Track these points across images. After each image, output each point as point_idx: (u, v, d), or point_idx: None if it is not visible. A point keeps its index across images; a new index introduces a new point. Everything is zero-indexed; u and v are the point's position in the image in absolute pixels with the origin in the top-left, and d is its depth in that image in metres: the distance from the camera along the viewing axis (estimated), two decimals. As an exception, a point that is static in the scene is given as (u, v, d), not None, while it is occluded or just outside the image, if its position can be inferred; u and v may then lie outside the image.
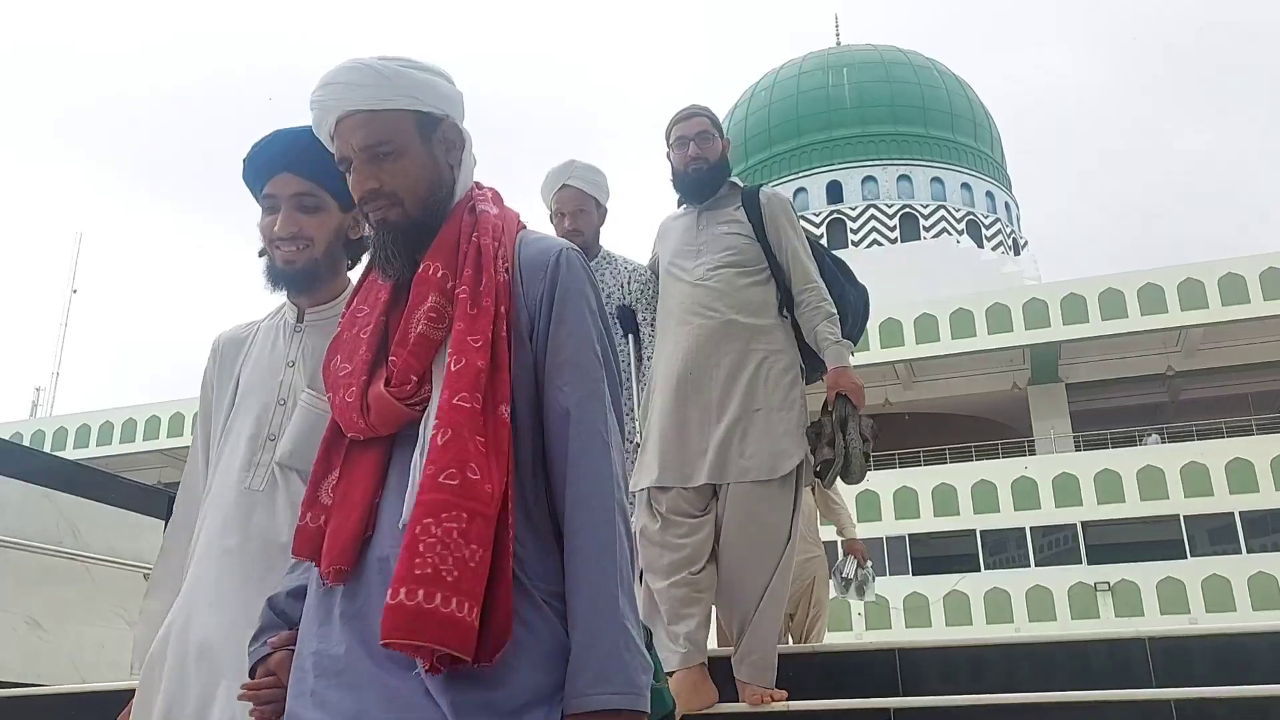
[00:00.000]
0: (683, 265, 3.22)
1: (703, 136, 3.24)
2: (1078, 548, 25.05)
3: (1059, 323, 27.41)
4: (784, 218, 3.21)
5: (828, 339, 3.07)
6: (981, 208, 37.34)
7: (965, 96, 38.91)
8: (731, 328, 3.08)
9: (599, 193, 3.52)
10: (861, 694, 3.21)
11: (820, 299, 3.12)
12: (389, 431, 1.41)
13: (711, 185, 3.27)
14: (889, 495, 26.39)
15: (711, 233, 3.21)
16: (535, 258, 1.47)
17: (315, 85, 1.49)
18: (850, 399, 3.02)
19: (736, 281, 3.12)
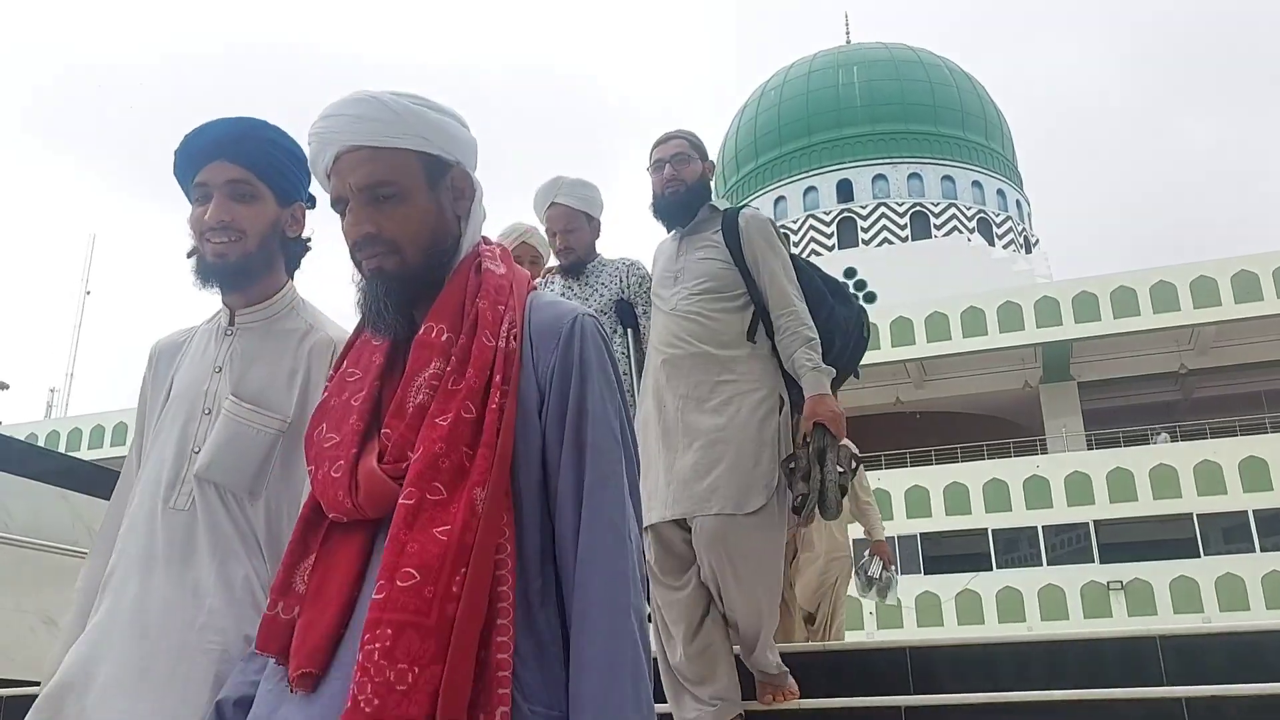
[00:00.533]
0: (662, 294, 3.13)
1: (679, 159, 3.11)
2: (1090, 546, 24.96)
3: (1071, 321, 27.32)
4: (761, 239, 3.02)
5: (804, 365, 2.87)
6: (993, 206, 37.22)
7: (976, 94, 38.79)
8: (702, 360, 2.94)
9: (589, 207, 3.46)
10: (873, 692, 3.22)
11: (798, 324, 2.92)
12: (378, 514, 1.24)
13: (688, 208, 3.13)
14: (900, 494, 26.32)
15: (689, 259, 3.09)
16: (548, 325, 1.32)
17: (317, 116, 1.36)
18: (829, 429, 2.82)
19: (711, 309, 2.98)
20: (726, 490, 2.79)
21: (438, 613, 1.12)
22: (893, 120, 36.83)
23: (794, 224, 37.11)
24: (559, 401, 1.28)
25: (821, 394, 2.84)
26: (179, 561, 1.64)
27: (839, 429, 2.84)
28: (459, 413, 1.21)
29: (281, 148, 1.79)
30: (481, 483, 1.19)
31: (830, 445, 2.81)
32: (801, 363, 2.87)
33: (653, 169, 3.16)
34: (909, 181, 36.46)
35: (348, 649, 1.19)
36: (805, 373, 2.86)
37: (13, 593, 5.55)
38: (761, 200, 37.90)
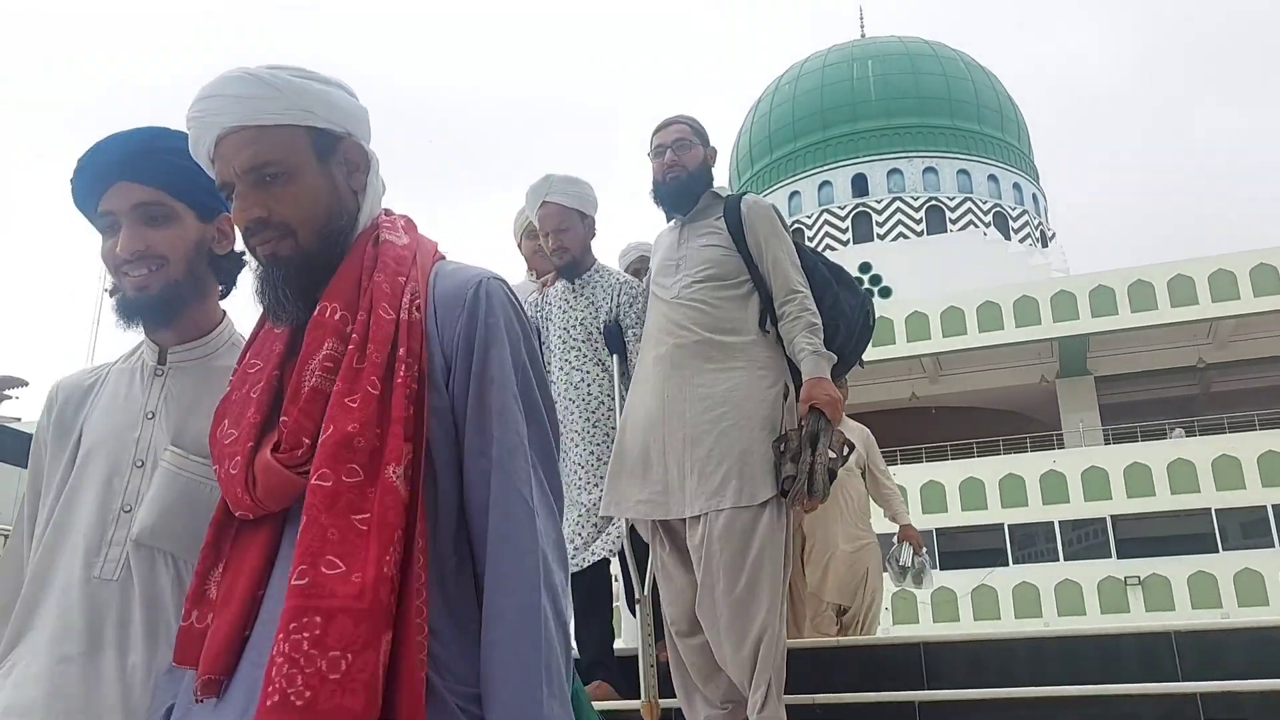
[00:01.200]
0: (662, 282, 3.05)
1: (680, 144, 3.05)
2: (1107, 542, 24.84)
3: (1088, 315, 27.17)
4: (763, 224, 2.97)
5: (804, 349, 2.82)
6: (1009, 200, 37.05)
7: (992, 87, 38.60)
8: (706, 348, 2.87)
9: (582, 204, 3.36)
10: (887, 688, 3.23)
11: (802, 309, 2.87)
12: (280, 507, 1.20)
13: (689, 195, 3.06)
14: (916, 490, 26.23)
15: (691, 246, 3.02)
16: (451, 292, 1.27)
17: (193, 98, 1.28)
18: (824, 413, 2.76)
19: (714, 297, 2.92)
20: (738, 482, 2.72)
21: (371, 597, 1.08)
22: (908, 114, 36.69)
23: (809, 219, 37.04)
24: (464, 369, 1.24)
25: (819, 377, 2.79)
26: (107, 643, 1.40)
27: (835, 413, 2.79)
28: (366, 390, 1.17)
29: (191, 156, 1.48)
30: (397, 459, 1.15)
31: (824, 429, 2.76)
32: (802, 346, 2.82)
33: (653, 154, 3.10)
34: (924, 176, 36.33)
35: (255, 648, 1.14)
36: (805, 356, 2.81)
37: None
38: (776, 195, 37.82)
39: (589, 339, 3.39)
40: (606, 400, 3.36)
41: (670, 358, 2.89)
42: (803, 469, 2.70)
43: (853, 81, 37.70)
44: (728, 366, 2.84)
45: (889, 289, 33.74)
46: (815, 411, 2.76)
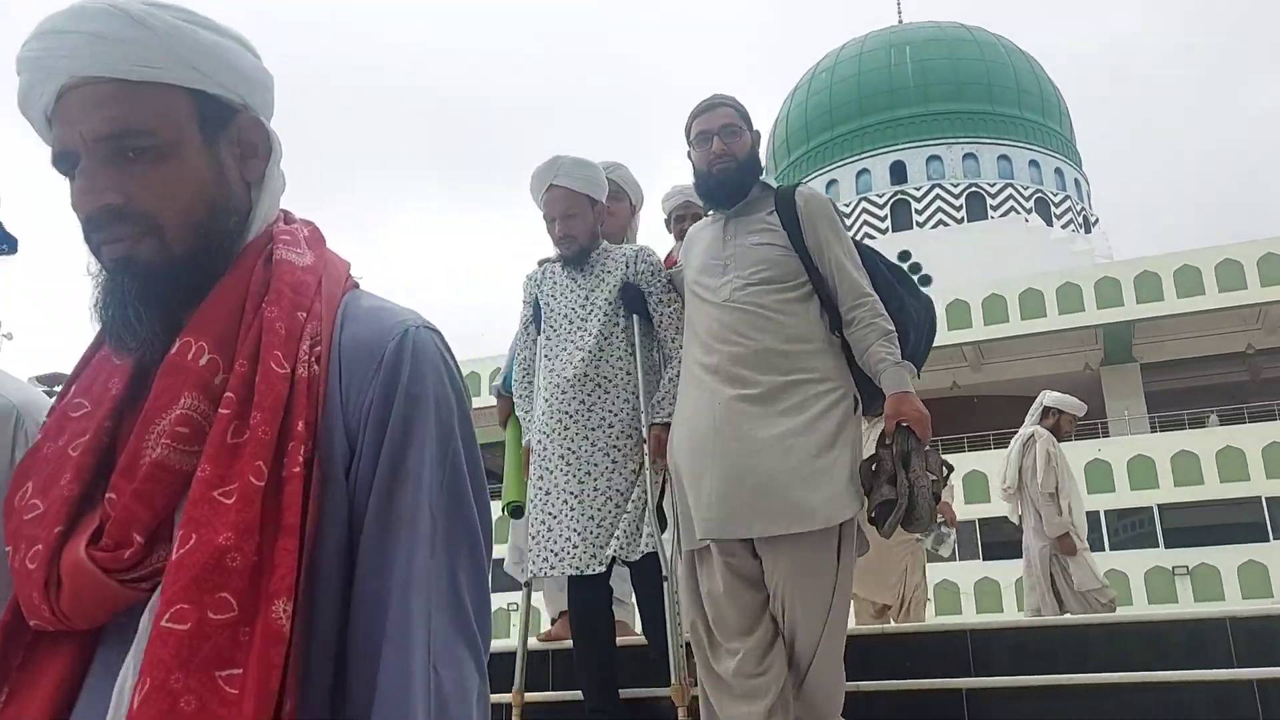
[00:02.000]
0: (708, 284, 2.76)
1: (728, 130, 2.75)
2: (1154, 531, 24.51)
3: (1133, 301, 26.79)
4: (825, 221, 2.70)
5: (884, 360, 2.58)
6: (1050, 185, 36.57)
7: (1032, 72, 38.10)
8: (768, 356, 2.62)
9: (591, 189, 3.09)
10: (934, 675, 3.21)
11: (874, 314, 2.63)
12: (91, 625, 0.86)
13: (740, 187, 2.78)
14: (957, 479, 25.87)
15: (740, 244, 2.75)
16: (366, 342, 0.92)
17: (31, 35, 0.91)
18: (914, 430, 2.54)
19: (770, 300, 2.66)
20: (809, 503, 2.48)
21: None
22: (947, 100, 36.32)
23: (846, 207, 36.79)
24: (371, 456, 0.89)
25: (904, 391, 2.57)
26: None
27: (924, 431, 2.55)
28: (248, 481, 0.82)
29: None
30: (286, 593, 0.81)
31: (915, 449, 2.52)
32: (881, 357, 2.58)
33: (696, 143, 2.79)
34: (964, 162, 35.96)
35: None
36: (885, 369, 2.57)
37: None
38: (814, 183, 37.17)
39: (601, 310, 3.07)
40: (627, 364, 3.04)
41: (724, 367, 2.65)
42: (902, 492, 2.46)
43: (890, 68, 37.37)
44: (794, 378, 2.60)
45: (929, 277, 33.42)
46: (903, 429, 2.54)
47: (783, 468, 2.50)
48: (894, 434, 2.55)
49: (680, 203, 3.96)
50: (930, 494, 2.47)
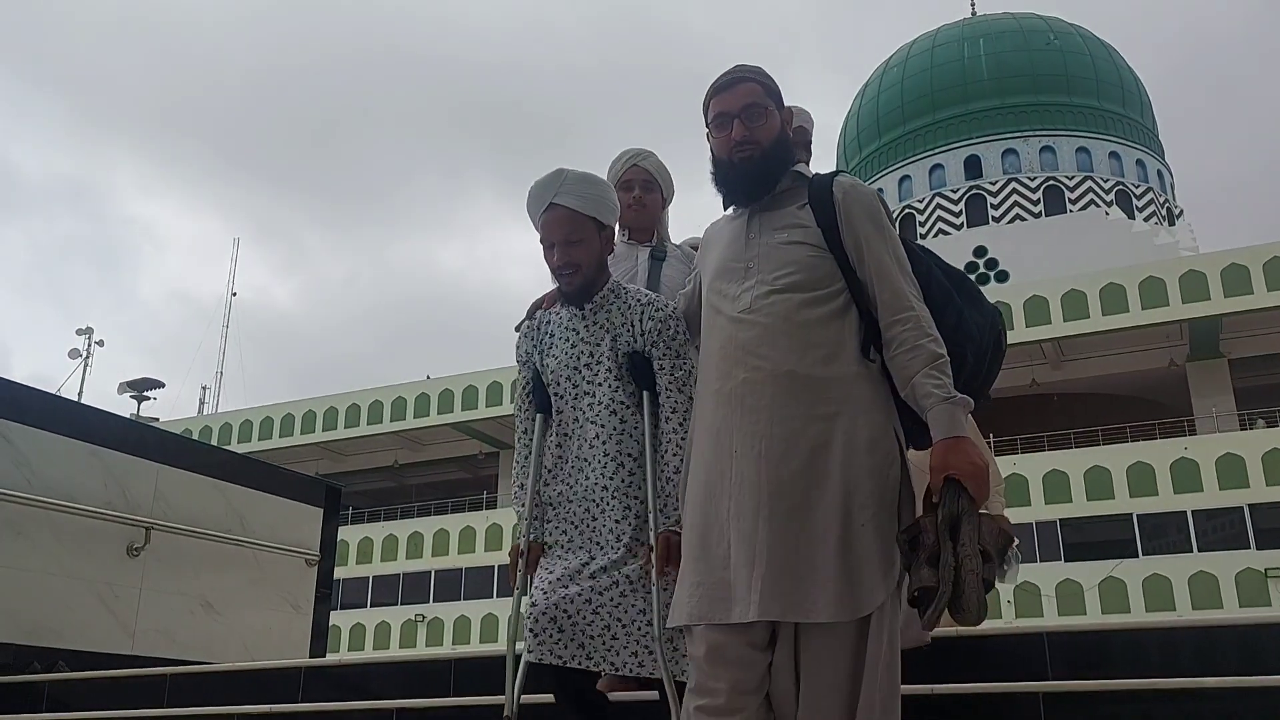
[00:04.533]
0: (724, 290, 2.29)
1: (751, 111, 2.28)
2: (1245, 531, 23.75)
3: (1219, 295, 26.03)
4: (866, 216, 2.22)
5: (932, 394, 2.05)
6: (1132, 177, 35.70)
7: (1111, 61, 37.23)
8: (789, 383, 2.12)
9: (599, 211, 2.58)
10: (1010, 678, 3.15)
11: (920, 334, 2.11)
12: None
13: (765, 178, 2.30)
14: (1038, 479, 25.54)
15: (765, 243, 2.27)
16: None
17: None
18: (967, 488, 1.96)
19: (798, 313, 2.17)
20: (837, 582, 1.97)
21: None
22: (1022, 92, 35.68)
23: (920, 203, 36.36)
24: None
25: (956, 436, 2.01)
26: None
27: (980, 489, 1.97)
28: None
29: None
30: None
31: (967, 514, 1.94)
32: (928, 390, 2.06)
33: (714, 126, 2.33)
34: (1041, 155, 35.28)
35: None
36: (934, 405, 2.05)
37: (175, 578, 5.90)
38: (886, 180, 37.23)
39: (607, 369, 2.57)
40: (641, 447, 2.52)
41: (739, 396, 2.15)
42: (945, 576, 1.89)
43: (964, 61, 36.83)
44: (819, 411, 2.10)
45: (1006, 272, 32.88)
46: (954, 485, 1.97)
47: (799, 535, 2.02)
48: (942, 493, 1.98)
49: None
50: (980, 580, 1.89)
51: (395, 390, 35.40)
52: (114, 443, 5.75)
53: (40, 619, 5.21)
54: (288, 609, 6.61)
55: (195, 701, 4.32)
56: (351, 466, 37.21)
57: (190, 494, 6.08)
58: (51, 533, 5.30)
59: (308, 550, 6.82)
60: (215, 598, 6.12)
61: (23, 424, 5.28)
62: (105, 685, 4.74)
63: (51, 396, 6.18)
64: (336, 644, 30.62)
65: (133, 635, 5.61)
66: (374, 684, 4.19)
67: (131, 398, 40.39)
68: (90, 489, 5.51)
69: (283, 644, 6.46)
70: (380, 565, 33.08)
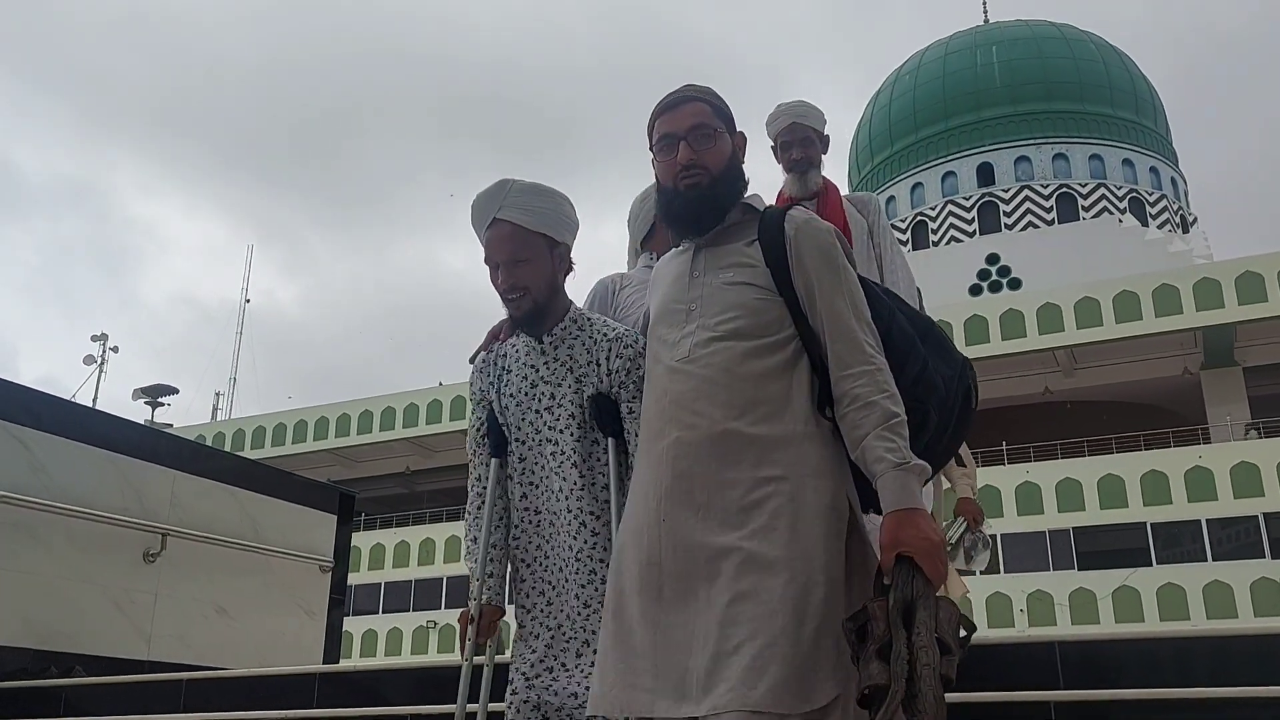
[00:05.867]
0: (665, 336, 2.04)
1: (699, 132, 2.05)
2: (1260, 541, 23.59)
3: (1234, 303, 25.90)
4: (818, 255, 1.98)
5: (883, 459, 1.78)
6: (1145, 184, 35.58)
7: (1125, 69, 37.14)
8: (730, 444, 1.87)
9: (550, 226, 2.32)
10: (1021, 687, 3.15)
11: (875, 389, 1.85)
12: None
13: (713, 208, 2.05)
14: (1051, 488, 25.43)
15: (709, 283, 2.03)
16: None
17: None
18: (922, 569, 1.70)
19: (740, 364, 1.92)
20: (778, 672, 1.70)
21: None
22: (1035, 100, 35.63)
23: (932, 210, 36.31)
24: None
25: (910, 509, 1.75)
26: None
27: (936, 568, 1.70)
28: None
29: None
30: None
31: (923, 598, 1.69)
32: (879, 454, 1.80)
33: (658, 149, 2.10)
34: (1054, 162, 35.21)
35: None
36: (884, 471, 1.79)
37: (190, 584, 5.94)
38: (898, 187, 37.20)
39: (568, 411, 2.32)
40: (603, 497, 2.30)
41: (674, 457, 1.90)
42: (898, 671, 1.64)
43: (976, 69, 36.79)
44: (764, 475, 1.84)
45: (1018, 280, 32.80)
46: (906, 564, 1.72)
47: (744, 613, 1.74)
48: (894, 573, 1.72)
49: (785, 125, 3.41)
50: (938, 676, 1.62)
51: (407, 397, 35.49)
52: (130, 449, 5.79)
53: (57, 624, 5.25)
54: (301, 615, 6.65)
55: (211, 707, 4.34)
56: (364, 473, 37.32)
57: (205, 500, 6.12)
58: (68, 538, 5.34)
59: (321, 556, 6.85)
60: (229, 603, 6.16)
61: (40, 430, 5.33)
62: (121, 690, 4.77)
63: (68, 403, 6.23)
64: (349, 650, 30.68)
65: (148, 640, 5.65)
66: (387, 690, 4.21)
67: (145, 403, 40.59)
68: (106, 495, 5.55)
69: (296, 650, 6.49)
70: (392, 572, 33.14)
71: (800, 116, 3.42)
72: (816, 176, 3.47)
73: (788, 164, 3.45)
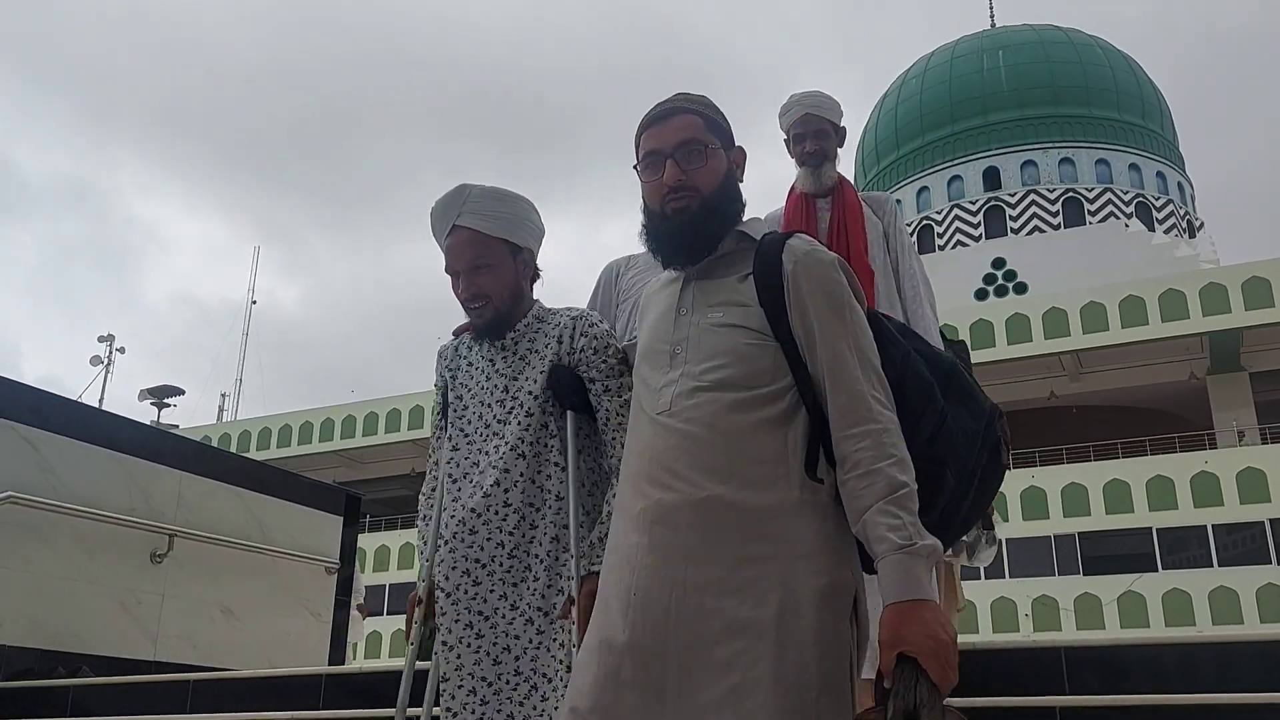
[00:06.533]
0: (648, 380, 1.79)
1: (688, 149, 1.79)
2: (1266, 547, 23.52)
3: (1240, 308, 25.84)
4: (820, 296, 1.70)
5: (885, 539, 1.53)
6: (1152, 189, 35.53)
7: (1131, 73, 37.10)
8: (711, 514, 1.61)
9: (511, 230, 2.22)
10: (1026, 692, 3.15)
11: (880, 453, 1.58)
12: None
13: (705, 236, 1.79)
14: (1056, 492, 25.38)
15: (697, 323, 1.76)
16: None
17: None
18: (926, 670, 1.46)
19: (727, 419, 1.66)
20: None
21: None
22: (1042, 104, 35.60)
23: (938, 214, 36.29)
24: None
25: (916, 600, 1.49)
26: None
27: (945, 672, 1.46)
28: None
29: None
30: None
31: (927, 708, 1.46)
32: (880, 534, 1.54)
33: (644, 167, 1.84)
34: (1060, 167, 35.17)
35: None
36: (887, 555, 1.53)
37: (196, 584, 5.95)
38: (904, 191, 37.18)
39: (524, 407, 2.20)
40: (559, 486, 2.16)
41: (649, 524, 1.65)
42: None
43: (983, 73, 36.77)
44: (749, 552, 1.58)
45: (1024, 284, 32.76)
46: (909, 666, 1.48)
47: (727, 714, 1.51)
48: (895, 675, 1.49)
49: (799, 116, 3.23)
50: None
51: (413, 399, 35.52)
52: (137, 450, 5.81)
53: (64, 625, 5.26)
54: (307, 616, 6.66)
55: (217, 707, 4.36)
56: (369, 474, 37.34)
57: (212, 501, 6.13)
58: (75, 539, 5.36)
59: (327, 558, 6.87)
60: (236, 604, 6.17)
61: (47, 431, 5.35)
62: (127, 690, 4.79)
63: (75, 404, 6.25)
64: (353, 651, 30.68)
65: (155, 641, 5.66)
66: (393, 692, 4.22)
67: (152, 404, 40.66)
68: (114, 496, 5.57)
69: (302, 651, 6.50)
70: (397, 573, 33.16)
71: (814, 107, 3.25)
72: (831, 171, 3.27)
73: (800, 157, 3.28)
